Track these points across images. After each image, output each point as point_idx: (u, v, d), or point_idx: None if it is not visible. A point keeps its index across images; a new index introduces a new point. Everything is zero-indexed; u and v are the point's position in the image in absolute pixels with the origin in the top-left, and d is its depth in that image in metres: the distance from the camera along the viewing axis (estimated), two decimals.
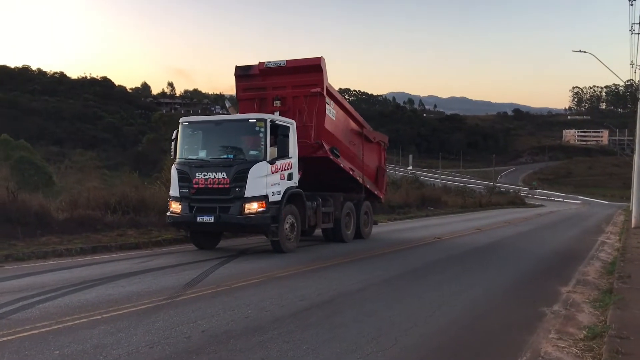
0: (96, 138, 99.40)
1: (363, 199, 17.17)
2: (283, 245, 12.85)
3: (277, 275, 9.92)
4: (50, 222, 14.52)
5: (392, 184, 44.02)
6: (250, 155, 12.58)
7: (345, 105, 16.07)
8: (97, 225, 15.25)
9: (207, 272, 9.93)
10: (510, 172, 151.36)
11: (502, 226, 25.98)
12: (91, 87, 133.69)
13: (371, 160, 17.91)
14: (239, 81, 15.40)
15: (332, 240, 15.90)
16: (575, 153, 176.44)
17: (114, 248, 13.21)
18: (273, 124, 12.70)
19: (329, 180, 15.94)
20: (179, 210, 12.75)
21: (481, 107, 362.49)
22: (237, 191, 12.20)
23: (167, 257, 12.28)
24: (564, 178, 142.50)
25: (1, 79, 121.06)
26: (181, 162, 13.00)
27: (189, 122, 13.58)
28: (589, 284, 10.28)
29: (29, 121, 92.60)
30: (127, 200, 17.21)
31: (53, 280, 8.91)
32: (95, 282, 8.78)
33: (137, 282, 8.94)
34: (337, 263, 11.86)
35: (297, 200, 13.59)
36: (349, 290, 8.71)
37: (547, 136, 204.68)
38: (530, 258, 13.98)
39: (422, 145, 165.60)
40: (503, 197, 65.40)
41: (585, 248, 16.88)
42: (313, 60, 14.52)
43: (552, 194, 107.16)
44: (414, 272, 11.09)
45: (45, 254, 11.70)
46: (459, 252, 14.78)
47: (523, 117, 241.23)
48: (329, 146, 14.69)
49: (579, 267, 12.54)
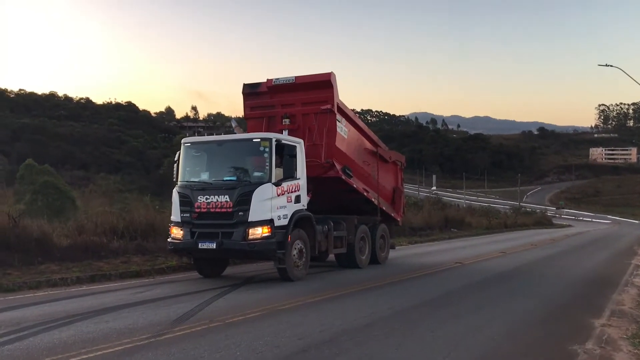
0: (120, 162, 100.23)
1: (379, 222, 16.30)
2: (290, 272, 12.03)
3: (279, 307, 9.08)
4: (52, 249, 13.93)
5: (414, 205, 43.13)
6: (254, 176, 11.86)
7: (358, 123, 15.32)
8: (102, 252, 14.64)
9: (203, 305, 9.15)
10: (536, 191, 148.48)
11: (528, 249, 24.81)
12: (116, 112, 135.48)
13: (387, 181, 17.08)
14: (246, 99, 14.77)
15: (346, 266, 15.03)
16: (602, 171, 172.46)
17: (114, 276, 12.54)
18: (278, 143, 11.97)
19: (342, 202, 15.14)
20: (180, 236, 12.04)
21: (505, 126, 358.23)
22: (241, 215, 11.45)
23: (167, 286, 11.55)
24: (592, 197, 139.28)
25: (28, 105, 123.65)
26: (183, 185, 12.33)
27: (191, 142, 12.96)
28: (625, 315, 9.26)
29: (55, 146, 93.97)
30: (135, 225, 16.68)
31: (34, 315, 8.22)
32: (78, 317, 8.06)
33: (123, 316, 8.19)
34: (347, 292, 10.98)
35: (306, 224, 12.78)
36: (355, 325, 7.84)
37: (574, 155, 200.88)
38: (559, 285, 12.94)
39: (445, 165, 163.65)
40: (529, 218, 63.86)
41: (618, 273, 15.76)
42: (323, 75, 13.82)
43: (580, 213, 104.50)
44: (431, 302, 10.17)
45: (38, 284, 11.06)
46: (481, 278, 13.81)
47: (548, 136, 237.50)
48: (341, 166, 13.93)
49: (613, 295, 11.51)
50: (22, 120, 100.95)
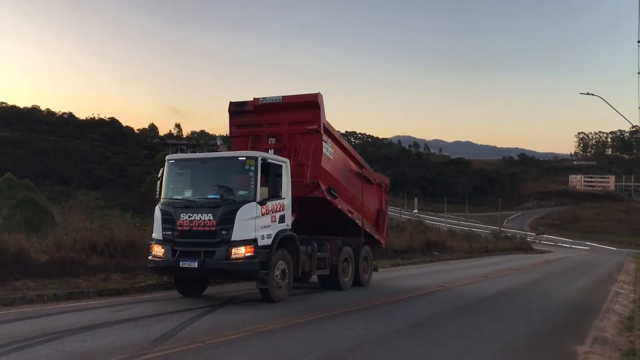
0: (102, 178, 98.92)
1: (362, 244, 16.23)
2: (273, 293, 11.86)
3: (261, 329, 8.92)
4: (29, 264, 13.60)
5: (396, 228, 43.07)
6: (239, 195, 11.73)
7: (344, 145, 15.33)
8: (80, 269, 14.32)
9: (183, 325, 8.96)
10: (516, 216, 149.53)
11: (509, 273, 24.84)
12: (99, 128, 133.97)
13: (371, 203, 17.05)
14: (232, 117, 14.73)
15: (329, 288, 14.90)
16: (581, 198, 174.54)
17: (92, 294, 12.27)
18: (264, 162, 11.89)
19: (326, 223, 15.05)
20: (161, 254, 11.84)
21: (486, 151, 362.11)
22: (224, 234, 11.29)
23: (146, 305, 11.32)
24: (571, 224, 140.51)
25: (10, 118, 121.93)
26: (165, 203, 12.17)
27: (175, 159, 12.82)
28: (607, 342, 9.25)
29: (36, 160, 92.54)
30: (115, 243, 16.38)
31: (8, 333, 7.97)
32: (55, 335, 7.84)
33: (102, 335, 7.98)
34: (331, 315, 10.86)
35: (290, 245, 12.65)
36: (339, 349, 7.71)
37: (553, 181, 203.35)
38: (541, 310, 12.92)
39: (427, 188, 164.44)
40: (509, 243, 64.05)
41: (599, 299, 15.78)
42: (310, 96, 13.84)
43: (559, 239, 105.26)
44: (415, 326, 10.08)
45: (12, 301, 10.77)
46: (463, 302, 13.74)
47: (529, 162, 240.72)
48: (326, 186, 13.88)
49: (594, 321, 11.50)
50: (2, 134, 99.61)
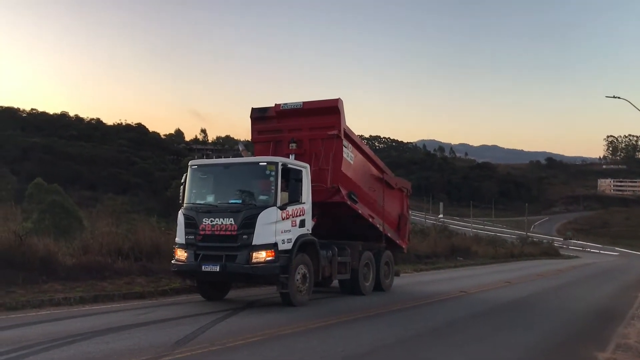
0: (129, 183, 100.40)
1: (383, 249, 16.25)
2: (293, 297, 11.97)
3: (281, 332, 9.04)
4: (57, 268, 13.95)
5: (420, 232, 42.91)
6: (259, 200, 11.89)
7: (364, 149, 15.39)
8: (106, 272, 14.63)
9: (204, 328, 9.12)
10: (543, 221, 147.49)
11: (534, 279, 24.58)
12: (126, 133, 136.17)
13: (393, 208, 17.07)
14: (254, 124, 14.91)
15: (350, 293, 14.94)
16: (611, 203, 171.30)
17: (117, 297, 12.54)
18: (285, 167, 12.04)
19: (347, 227, 15.12)
20: (184, 258, 12.05)
21: (513, 155, 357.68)
22: (245, 238, 11.46)
23: (169, 308, 11.54)
24: (599, 229, 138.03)
25: (40, 124, 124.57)
26: (188, 207, 12.39)
27: (198, 165, 13.04)
28: (630, 349, 9.13)
29: (65, 166, 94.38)
30: (140, 246, 16.68)
31: (35, 334, 8.22)
32: (80, 337, 8.06)
33: (125, 337, 8.18)
34: (350, 319, 10.92)
35: (310, 249, 12.77)
36: (358, 353, 7.79)
37: (582, 185, 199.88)
38: (564, 317, 12.81)
39: (453, 193, 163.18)
40: (536, 248, 63.32)
41: (625, 306, 15.55)
42: (330, 102, 13.96)
43: (587, 245, 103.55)
44: (434, 331, 10.09)
45: (41, 303, 11.07)
46: (485, 308, 13.69)
47: (556, 166, 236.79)
48: (347, 191, 13.96)
49: (618, 328, 11.35)
50: (32, 139, 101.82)
